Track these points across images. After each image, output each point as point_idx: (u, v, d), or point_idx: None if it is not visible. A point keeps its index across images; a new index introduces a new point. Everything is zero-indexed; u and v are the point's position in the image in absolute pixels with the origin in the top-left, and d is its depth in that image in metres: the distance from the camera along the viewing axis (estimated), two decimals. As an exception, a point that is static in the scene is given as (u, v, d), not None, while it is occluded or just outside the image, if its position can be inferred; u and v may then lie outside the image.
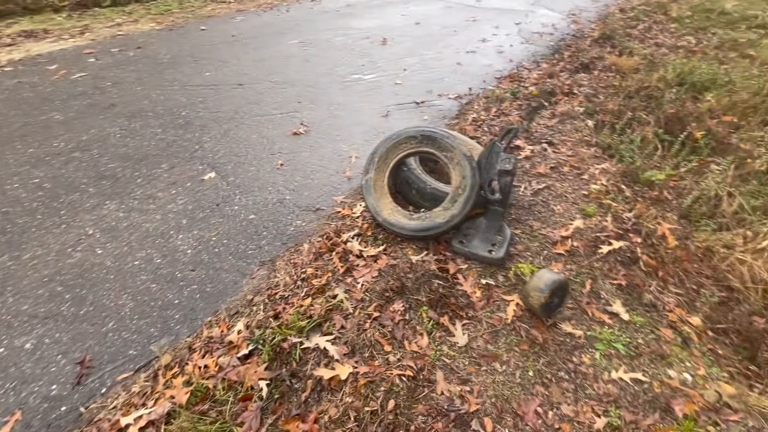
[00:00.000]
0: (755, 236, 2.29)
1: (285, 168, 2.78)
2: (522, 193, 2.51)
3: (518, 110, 3.48)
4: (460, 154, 2.09)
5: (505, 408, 1.44)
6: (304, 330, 1.66)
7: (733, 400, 1.45)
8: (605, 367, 1.58)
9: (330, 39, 5.22)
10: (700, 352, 1.68)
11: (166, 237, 2.20)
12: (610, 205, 2.41)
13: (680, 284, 2.07)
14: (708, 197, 2.65)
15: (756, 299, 2.01)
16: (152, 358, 1.63)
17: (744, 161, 2.89)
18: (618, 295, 1.88)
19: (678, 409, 1.42)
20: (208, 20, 5.97)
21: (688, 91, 3.85)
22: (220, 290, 1.93)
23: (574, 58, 4.78)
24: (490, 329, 1.71)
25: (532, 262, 2.02)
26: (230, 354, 1.59)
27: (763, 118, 3.34)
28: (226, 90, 3.81)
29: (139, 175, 2.65)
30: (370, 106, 3.61)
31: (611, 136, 3.24)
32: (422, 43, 5.18)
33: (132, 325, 1.76)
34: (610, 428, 1.38)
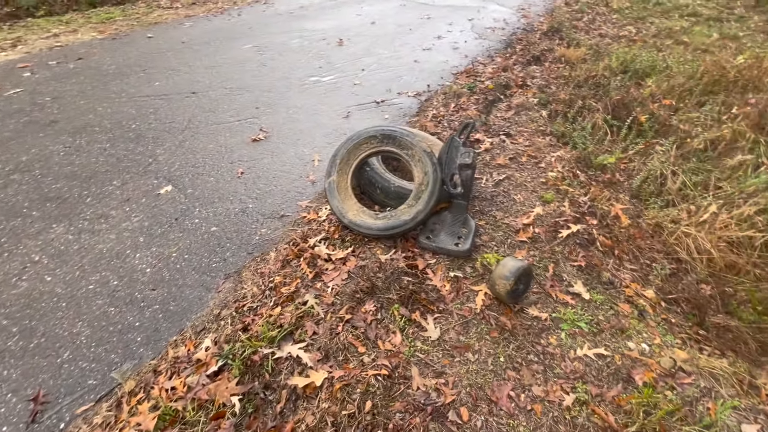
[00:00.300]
0: (698, 210, 2.46)
1: (246, 176, 2.71)
2: (484, 185, 2.57)
3: (476, 104, 3.56)
4: (421, 151, 2.12)
5: (480, 396, 1.47)
6: (275, 340, 1.63)
7: (686, 364, 1.56)
8: (571, 345, 1.65)
9: (285, 42, 5.14)
10: (655, 322, 1.78)
11: (122, 257, 2.09)
12: (566, 191, 2.52)
13: (634, 260, 2.20)
14: (655, 177, 2.83)
15: (701, 268, 2.17)
16: (114, 385, 1.55)
17: (684, 141, 3.10)
18: (579, 276, 1.97)
19: (638, 378, 1.50)
20: (155, 27, 5.72)
21: (632, 78, 4.09)
22: (185, 307, 1.85)
23: (526, 51, 4.95)
24: (461, 320, 1.74)
25: (497, 251, 2.08)
26: (199, 372, 1.53)
27: (698, 100, 3.59)
28: (178, 99, 3.67)
29: (89, 194, 2.50)
30: (330, 108, 3.58)
31: (564, 124, 3.38)
32: (379, 42, 5.19)
33: (90, 353, 1.66)
34: (578, 403, 1.44)
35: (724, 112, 3.27)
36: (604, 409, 1.42)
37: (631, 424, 1.37)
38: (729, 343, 1.80)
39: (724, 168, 2.77)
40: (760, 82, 3.59)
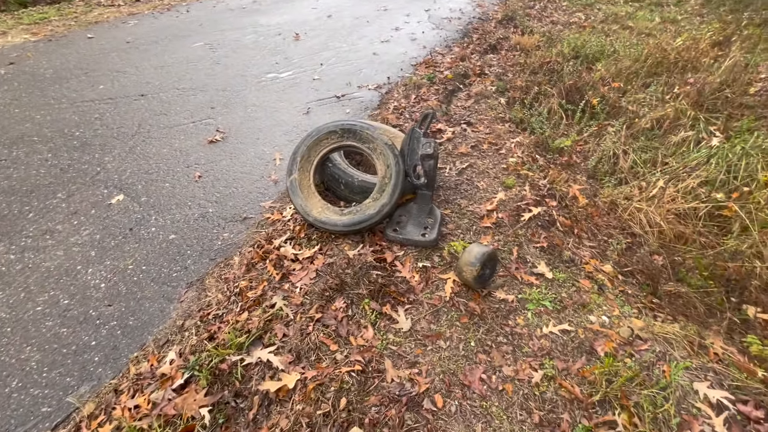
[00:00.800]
0: (647, 186, 2.60)
1: (204, 179, 2.60)
2: (448, 174, 2.60)
3: (436, 95, 3.59)
4: (382, 144, 2.11)
5: (453, 381, 1.50)
6: (244, 346, 1.58)
7: (642, 332, 1.65)
8: (537, 324, 1.70)
9: (239, 38, 4.96)
10: (613, 295, 1.87)
11: (73, 274, 1.96)
12: (527, 175, 2.59)
13: (593, 238, 2.30)
14: (608, 157, 2.96)
15: (653, 241, 2.29)
16: (72, 410, 1.46)
17: (633, 121, 3.26)
18: (541, 256, 2.03)
19: (600, 349, 1.58)
20: (96, 27, 5.36)
21: (583, 63, 4.24)
22: (145, 321, 1.76)
23: (483, 40, 5.03)
24: (432, 309, 1.76)
25: (463, 238, 2.11)
26: (164, 387, 1.47)
27: (644, 81, 3.78)
28: (126, 103, 3.47)
29: (30, 209, 2.33)
30: (289, 105, 3.50)
31: (522, 110, 3.48)
32: (336, 35, 5.12)
33: (42, 379, 1.55)
34: (546, 379, 1.50)
35: (667, 92, 3.46)
36: (570, 382, 1.48)
37: (595, 393, 1.44)
38: (680, 309, 1.92)
39: (670, 145, 2.93)
40: (697, 62, 3.82)
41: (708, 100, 3.23)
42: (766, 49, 4.05)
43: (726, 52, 3.93)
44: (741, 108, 3.21)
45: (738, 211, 2.23)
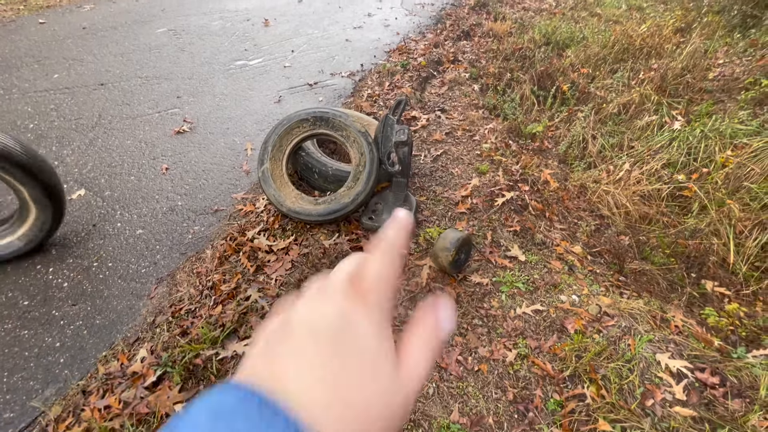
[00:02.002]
0: (615, 169, 2.69)
1: (172, 172, 2.51)
2: (423, 161, 2.60)
3: (410, 82, 3.57)
4: (355, 132, 2.08)
5: (430, 365, 1.52)
6: (219, 340, 1.55)
7: (609, 308, 1.72)
8: (511, 306, 1.75)
9: (205, 24, 4.76)
10: (582, 275, 1.94)
11: (32, 274, 1.86)
12: (500, 161, 2.62)
13: (563, 220, 2.36)
14: (578, 141, 3.03)
15: (620, 221, 2.38)
16: (37, 414, 1.40)
17: (601, 106, 3.34)
18: (515, 240, 2.08)
19: (570, 327, 1.63)
20: (48, 11, 5.01)
21: (554, 49, 4.31)
22: (113, 320, 1.70)
23: (456, 27, 5.02)
24: (409, 296, 1.78)
25: (438, 224, 2.13)
26: (135, 385, 1.43)
27: (611, 67, 3.88)
28: (84, 92, 3.28)
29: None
30: (260, 93, 3.40)
31: (495, 96, 3.51)
32: (307, 21, 4.98)
33: (2, 384, 1.47)
34: (519, 358, 1.54)
35: (632, 78, 3.56)
36: (542, 360, 1.53)
37: (565, 369, 1.49)
38: (644, 285, 2.01)
39: (635, 129, 3.03)
40: (661, 48, 3.94)
41: (670, 85, 3.35)
42: (724, 35, 4.22)
43: (687, 39, 4.07)
44: (701, 92, 3.35)
45: (697, 192, 2.35)
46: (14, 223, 1.84)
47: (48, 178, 1.75)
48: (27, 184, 1.69)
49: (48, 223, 1.83)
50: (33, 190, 1.71)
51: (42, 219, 1.81)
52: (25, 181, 1.68)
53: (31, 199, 1.74)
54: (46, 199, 1.75)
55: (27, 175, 1.67)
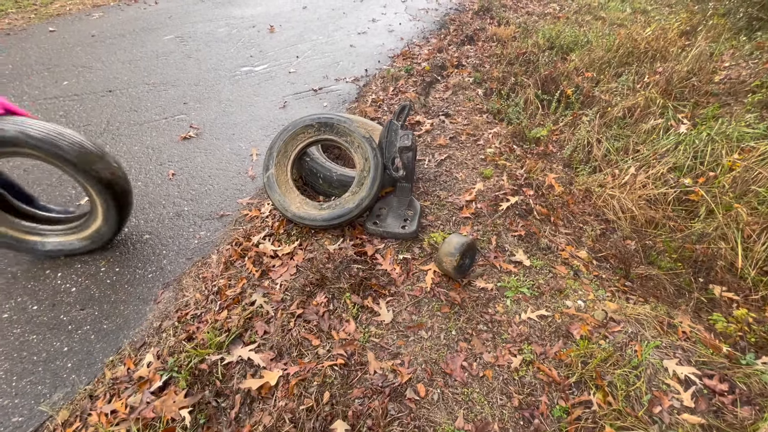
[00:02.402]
0: (620, 173, 2.67)
1: (178, 177, 2.53)
2: (427, 166, 2.61)
3: (414, 87, 3.58)
4: (360, 137, 2.09)
5: (435, 370, 1.52)
6: (224, 345, 1.56)
7: (615, 314, 1.71)
8: (516, 311, 1.74)
9: (211, 31, 4.81)
10: (588, 279, 1.93)
11: (41, 278, 1.88)
12: (504, 165, 2.62)
13: (568, 225, 2.35)
14: (582, 145, 3.03)
15: (626, 226, 2.37)
16: (45, 419, 1.41)
17: (606, 110, 3.33)
18: (519, 244, 2.07)
19: (576, 333, 1.62)
20: (58, 20, 5.10)
21: (558, 53, 4.31)
22: (120, 324, 1.72)
23: (460, 31, 5.04)
24: (413, 301, 1.78)
25: (443, 229, 2.12)
26: (141, 390, 1.44)
27: (616, 71, 3.87)
28: (93, 99, 3.33)
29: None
30: (265, 99, 3.43)
31: (499, 101, 3.51)
32: (312, 27, 5.03)
33: (11, 388, 1.49)
34: (525, 364, 1.54)
35: (637, 81, 3.55)
36: (547, 365, 1.52)
37: (571, 375, 1.48)
38: (651, 291, 1.99)
39: (640, 132, 3.02)
40: (666, 51, 3.93)
41: (676, 89, 3.33)
42: (730, 38, 4.20)
43: (693, 42, 4.05)
44: (707, 95, 3.33)
45: (704, 195, 2.33)
46: (82, 224, 1.93)
47: (120, 194, 1.84)
48: (102, 195, 1.78)
49: (109, 231, 1.92)
50: (105, 201, 1.80)
51: (105, 227, 1.90)
52: (102, 193, 1.77)
53: (101, 208, 1.82)
54: (114, 210, 1.84)
55: (105, 189, 1.76)
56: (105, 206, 1.82)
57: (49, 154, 1.63)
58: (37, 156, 1.65)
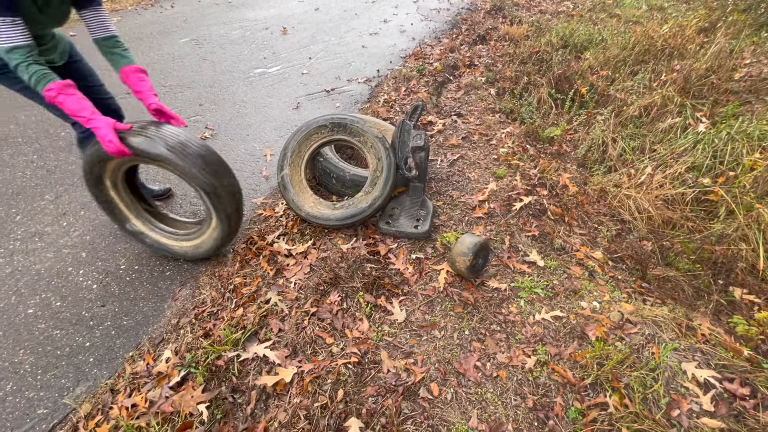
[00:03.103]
0: (636, 173, 2.63)
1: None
2: (439, 166, 2.61)
3: (426, 87, 3.58)
4: (373, 137, 2.11)
5: (448, 370, 1.52)
6: (240, 342, 1.59)
7: (632, 315, 1.68)
8: (530, 311, 1.73)
9: (226, 33, 4.89)
10: (603, 281, 1.91)
11: (64, 276, 1.94)
12: (517, 165, 2.60)
13: (583, 225, 2.33)
14: (597, 145, 2.98)
15: (642, 226, 2.33)
16: (68, 411, 1.45)
17: (621, 109, 3.28)
18: (533, 245, 2.06)
19: (591, 334, 1.61)
20: (78, 24, 5.23)
21: (571, 52, 4.26)
22: (139, 321, 1.76)
23: (472, 31, 5.02)
24: (426, 300, 1.78)
25: (455, 229, 2.12)
26: (160, 385, 1.47)
27: (632, 69, 3.81)
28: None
29: (17, 211, 2.29)
30: (278, 100, 3.47)
31: (512, 100, 3.49)
32: (324, 29, 5.07)
33: (36, 382, 1.54)
34: (539, 365, 1.53)
35: (654, 80, 3.49)
36: (562, 367, 1.51)
37: (587, 376, 1.47)
38: (668, 292, 1.96)
39: (657, 132, 2.97)
40: (683, 49, 3.85)
41: (694, 87, 3.26)
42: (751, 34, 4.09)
43: (711, 39, 3.96)
44: (726, 93, 3.25)
45: (724, 196, 2.27)
46: (196, 232, 1.95)
47: (233, 210, 1.82)
48: (217, 209, 1.76)
49: (216, 242, 1.90)
50: (219, 214, 1.78)
51: (213, 237, 1.89)
52: (217, 207, 1.75)
53: (217, 219, 1.80)
54: (225, 223, 1.81)
55: (220, 202, 1.74)
56: (219, 219, 1.80)
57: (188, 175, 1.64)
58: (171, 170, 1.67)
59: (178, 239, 1.98)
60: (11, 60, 1.39)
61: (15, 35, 1.36)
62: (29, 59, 1.40)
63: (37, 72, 1.41)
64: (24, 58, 1.39)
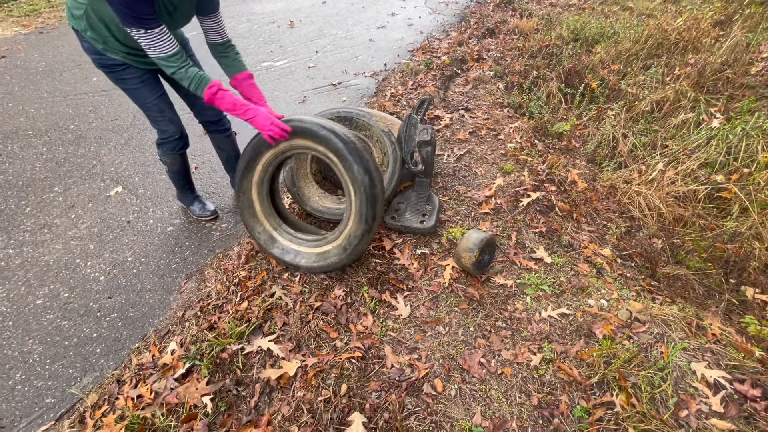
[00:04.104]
0: (647, 169, 2.58)
1: (201, 171, 2.59)
2: (446, 161, 2.58)
3: (433, 81, 3.54)
4: (379, 131, 2.09)
5: (452, 366, 1.51)
6: (244, 335, 1.59)
7: (641, 314, 1.65)
8: (536, 308, 1.71)
9: (233, 27, 4.88)
10: (612, 278, 1.88)
11: (72, 267, 1.96)
12: (525, 161, 2.57)
13: (592, 222, 2.29)
14: (607, 140, 2.93)
15: (652, 224, 2.29)
16: (76, 401, 1.47)
17: (632, 104, 3.22)
18: (540, 241, 2.03)
19: (598, 332, 1.58)
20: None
21: (582, 46, 4.18)
22: (146, 313, 1.77)
23: (480, 24, 4.95)
24: (431, 296, 1.77)
25: (461, 225, 2.10)
26: (166, 377, 1.48)
27: (644, 63, 3.73)
28: (120, 95, 3.42)
29: (27, 203, 2.32)
30: (285, 94, 3.46)
31: (521, 95, 3.43)
32: (331, 22, 5.03)
33: (44, 371, 1.56)
34: (544, 362, 1.51)
35: (667, 74, 3.41)
36: (568, 365, 1.49)
37: (593, 375, 1.45)
38: (678, 291, 1.92)
39: (669, 127, 2.90)
40: (698, 42, 3.75)
41: (709, 81, 3.19)
42: (769, 27, 3.98)
43: (727, 32, 3.86)
44: (742, 88, 3.17)
45: (738, 193, 2.22)
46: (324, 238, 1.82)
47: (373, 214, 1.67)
48: (361, 208, 1.64)
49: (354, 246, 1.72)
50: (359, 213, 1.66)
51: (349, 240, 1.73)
52: (362, 205, 1.63)
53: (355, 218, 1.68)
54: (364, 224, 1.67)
55: (366, 201, 1.61)
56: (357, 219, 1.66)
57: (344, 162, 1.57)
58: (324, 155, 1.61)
59: (308, 245, 1.81)
60: (170, 66, 1.44)
61: (171, 42, 1.41)
62: (185, 64, 1.47)
63: (197, 75, 1.48)
64: (181, 63, 1.45)
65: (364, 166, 1.58)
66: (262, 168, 1.76)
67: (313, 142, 1.62)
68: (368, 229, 1.66)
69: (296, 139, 1.64)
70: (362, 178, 1.57)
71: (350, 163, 1.57)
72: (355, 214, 1.65)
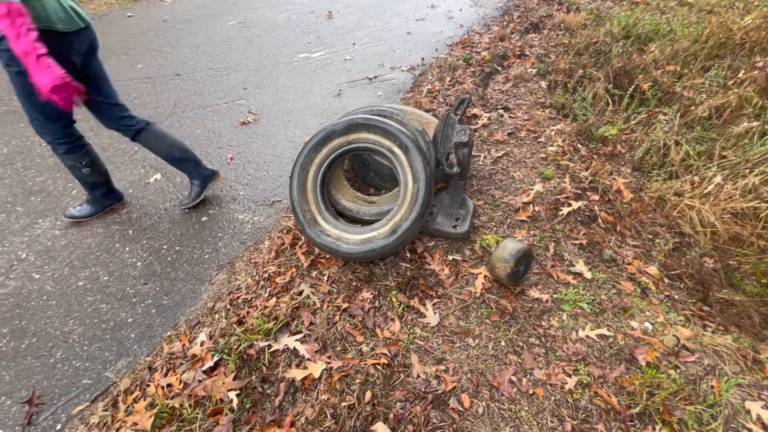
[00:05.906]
0: (702, 181, 2.39)
1: (236, 162, 2.62)
2: (482, 163, 2.49)
3: (472, 77, 3.42)
4: (414, 130, 2.03)
5: (481, 381, 1.45)
6: (271, 332, 1.60)
7: (689, 341, 1.53)
8: (573, 327, 1.62)
9: (272, 17, 4.90)
10: (658, 300, 1.75)
11: (112, 251, 2.03)
12: (567, 166, 2.44)
13: (637, 236, 2.15)
14: (657, 147, 2.74)
15: (705, 242, 2.12)
16: (110, 384, 1.53)
17: (688, 109, 2.98)
18: (580, 254, 1.92)
19: (641, 358, 1.48)
20: (135, 5, 5.44)
21: (634, 44, 3.92)
22: (178, 301, 1.81)
23: (524, 18, 4.73)
24: (461, 305, 1.71)
25: (496, 232, 2.02)
26: (194, 368, 1.51)
27: (703, 65, 3.45)
28: (162, 82, 3.52)
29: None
30: (320, 86, 3.44)
31: (564, 95, 3.26)
32: (370, 13, 4.96)
33: (83, 352, 1.63)
34: (580, 386, 1.43)
35: (730, 77, 3.14)
36: (606, 391, 1.40)
37: (634, 405, 1.35)
38: (733, 319, 1.77)
39: (729, 136, 2.67)
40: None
41: (778, 87, 2.90)
42: None
43: (803, 32, 3.50)
44: (817, 96, 2.87)
45: (807, 214, 2.01)
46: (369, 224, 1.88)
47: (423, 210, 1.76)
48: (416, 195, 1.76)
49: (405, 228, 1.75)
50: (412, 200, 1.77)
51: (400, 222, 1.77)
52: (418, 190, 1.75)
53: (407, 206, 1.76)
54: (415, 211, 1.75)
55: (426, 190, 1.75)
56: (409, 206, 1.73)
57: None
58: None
59: (351, 232, 1.79)
60: None
61: None
62: None
63: None
64: None
65: (426, 158, 1.78)
66: (326, 152, 1.87)
67: (381, 136, 1.81)
68: (421, 214, 1.74)
69: (364, 132, 1.78)
70: (424, 168, 1.75)
71: (415, 156, 1.75)
72: (409, 200, 1.75)
